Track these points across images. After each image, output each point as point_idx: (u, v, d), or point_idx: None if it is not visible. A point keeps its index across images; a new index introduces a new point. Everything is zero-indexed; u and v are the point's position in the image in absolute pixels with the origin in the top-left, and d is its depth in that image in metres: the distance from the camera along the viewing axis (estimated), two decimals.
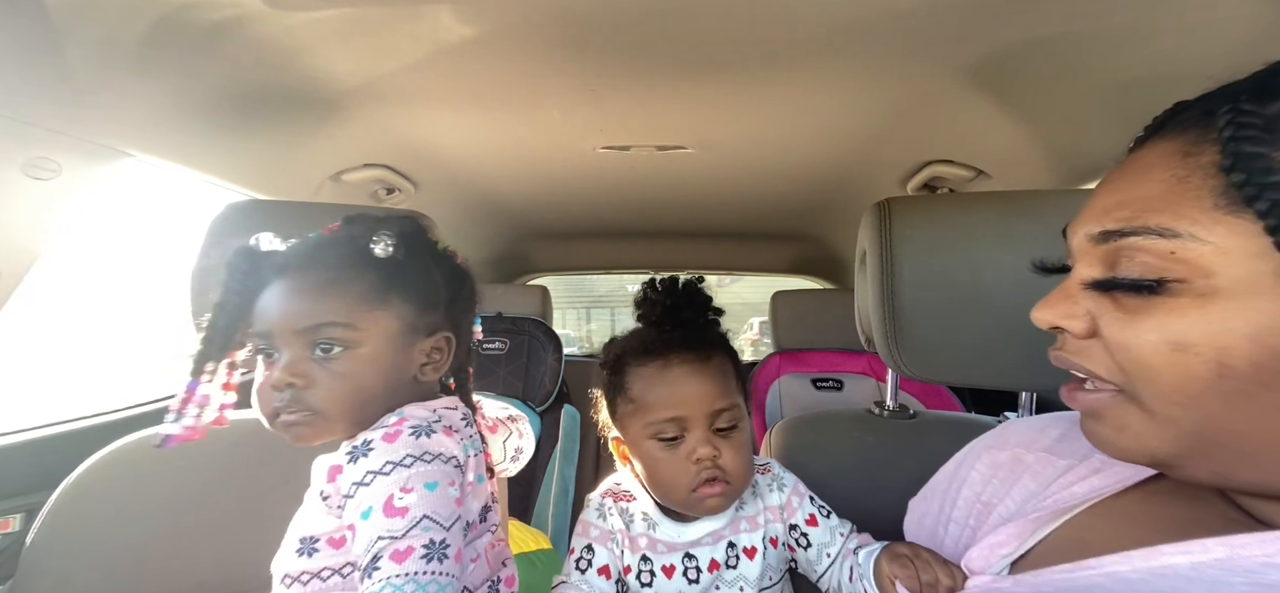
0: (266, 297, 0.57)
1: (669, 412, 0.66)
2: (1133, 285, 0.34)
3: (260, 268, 0.58)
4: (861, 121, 1.03)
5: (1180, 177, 0.33)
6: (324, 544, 0.56)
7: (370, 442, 0.54)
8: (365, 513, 0.51)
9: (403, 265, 0.61)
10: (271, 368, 0.56)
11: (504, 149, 1.19)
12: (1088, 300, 0.37)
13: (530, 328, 1.70)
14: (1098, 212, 0.37)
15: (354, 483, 0.53)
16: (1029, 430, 0.56)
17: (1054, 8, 0.65)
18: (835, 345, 1.83)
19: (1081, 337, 0.38)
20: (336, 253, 0.59)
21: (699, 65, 0.83)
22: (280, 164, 1.09)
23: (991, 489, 0.53)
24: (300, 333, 0.56)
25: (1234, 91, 0.33)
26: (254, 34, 0.71)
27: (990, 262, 0.72)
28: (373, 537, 0.50)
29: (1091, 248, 0.37)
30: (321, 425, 0.57)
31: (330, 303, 0.56)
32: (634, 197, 1.60)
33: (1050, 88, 0.81)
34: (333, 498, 0.55)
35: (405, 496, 0.52)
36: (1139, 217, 0.34)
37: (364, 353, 0.57)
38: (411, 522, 0.51)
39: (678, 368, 0.67)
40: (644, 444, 0.68)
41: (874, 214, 0.77)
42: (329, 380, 0.56)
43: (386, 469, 0.52)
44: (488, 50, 0.78)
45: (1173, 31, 0.64)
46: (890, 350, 0.75)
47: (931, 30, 0.72)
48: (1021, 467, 0.53)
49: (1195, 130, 0.33)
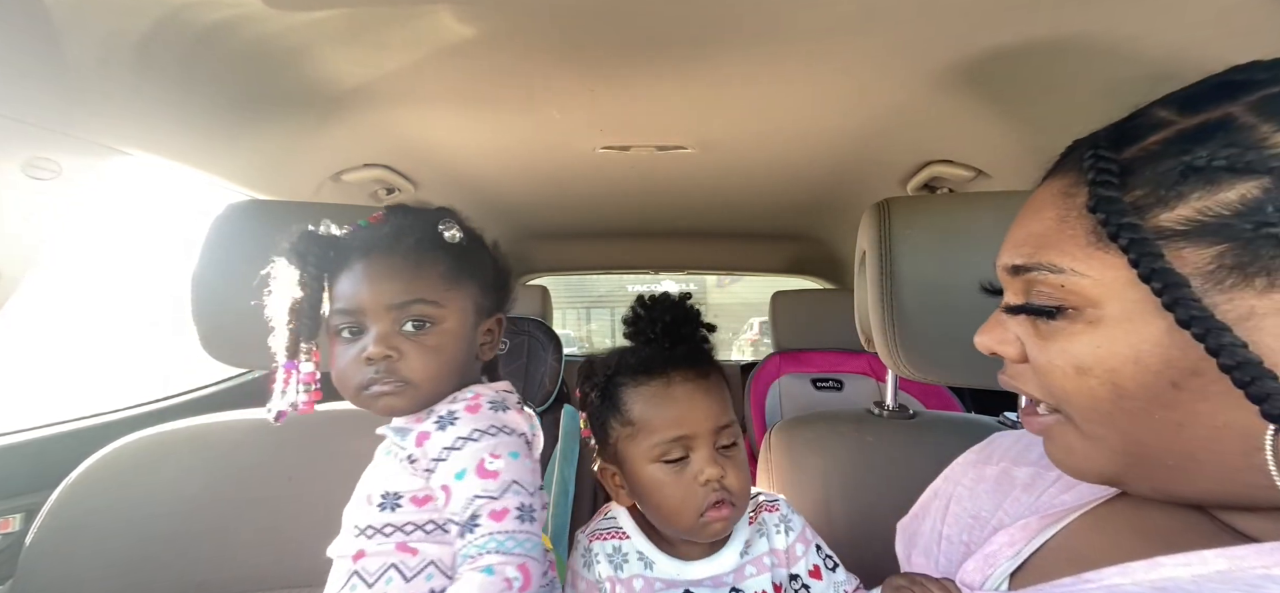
0: (351, 277, 0.61)
1: (675, 431, 0.63)
2: (1041, 310, 0.38)
3: (337, 251, 0.62)
4: (861, 121, 1.03)
5: (1062, 216, 0.37)
6: (407, 502, 0.60)
7: (454, 412, 0.61)
8: (459, 474, 0.57)
9: (467, 251, 0.66)
10: (353, 345, 0.60)
11: (504, 149, 1.19)
12: (1015, 325, 0.41)
13: (530, 328, 1.69)
14: (1009, 247, 0.41)
15: (444, 447, 0.58)
16: (1016, 445, 0.56)
17: (1054, 8, 0.65)
18: (835, 345, 1.83)
19: (1016, 360, 0.41)
20: (415, 237, 0.63)
21: (699, 65, 0.83)
22: (280, 164, 1.09)
23: (982, 503, 0.54)
24: (393, 308, 0.60)
25: (1095, 139, 0.37)
26: (254, 34, 0.71)
27: (990, 262, 0.72)
28: (469, 496, 0.56)
29: (1010, 279, 0.41)
30: (410, 395, 0.61)
31: (420, 281, 0.61)
32: (634, 197, 1.60)
33: (1050, 88, 0.81)
34: (420, 461, 0.60)
35: (495, 460, 0.58)
36: (1036, 254, 0.38)
37: (447, 328, 0.63)
38: (504, 485, 0.57)
39: (681, 386, 0.64)
40: (647, 469, 0.64)
41: (874, 214, 0.77)
42: (419, 353, 0.60)
43: (475, 436, 0.58)
44: (488, 50, 0.78)
45: (1172, 32, 0.64)
46: (890, 350, 0.75)
47: (932, 30, 0.72)
48: (1011, 482, 0.53)
49: (1073, 173, 0.37)
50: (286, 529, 0.81)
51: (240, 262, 0.81)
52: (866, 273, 0.78)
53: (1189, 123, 0.33)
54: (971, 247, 0.73)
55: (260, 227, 0.83)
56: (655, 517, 0.66)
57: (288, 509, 0.82)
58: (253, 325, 0.81)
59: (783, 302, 1.92)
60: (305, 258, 0.61)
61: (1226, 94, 0.33)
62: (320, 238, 0.62)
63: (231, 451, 0.85)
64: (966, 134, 1.03)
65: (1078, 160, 0.37)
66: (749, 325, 5.67)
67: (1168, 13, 0.62)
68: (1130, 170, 0.34)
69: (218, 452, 0.84)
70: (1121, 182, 0.34)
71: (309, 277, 0.60)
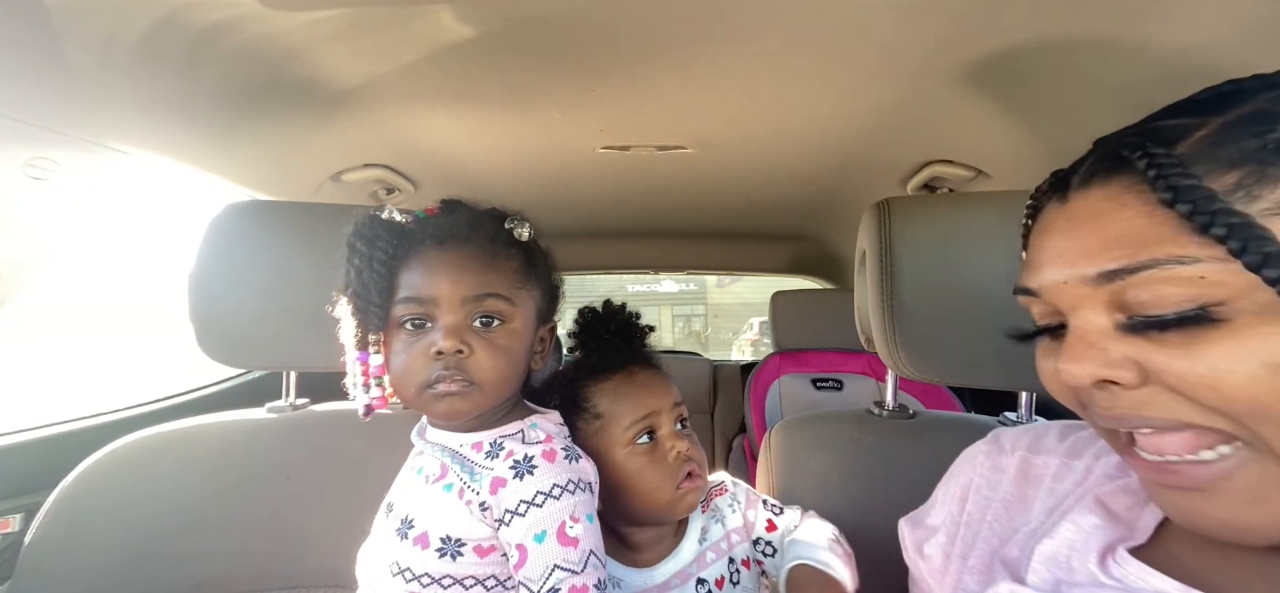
0: (423, 265, 0.57)
1: (641, 411, 0.69)
2: (1178, 320, 0.32)
3: (406, 238, 0.58)
4: (861, 121, 1.03)
5: (1149, 211, 0.33)
6: (470, 551, 0.55)
7: (531, 459, 0.57)
8: (539, 537, 0.53)
9: (533, 252, 0.64)
10: (418, 339, 0.57)
11: (504, 149, 1.19)
12: (1120, 346, 0.34)
13: None
14: (1081, 254, 0.35)
15: (523, 501, 0.54)
16: (1025, 435, 0.55)
17: (1054, 8, 0.65)
18: (835, 345, 1.83)
19: (1133, 387, 0.34)
20: (490, 230, 0.60)
21: (699, 65, 0.83)
22: (280, 164, 1.09)
23: (1008, 490, 0.53)
24: (468, 300, 0.56)
25: (1133, 142, 0.34)
26: (254, 34, 0.71)
27: (990, 262, 0.72)
28: (549, 565, 0.52)
29: (1089, 291, 0.35)
30: (476, 397, 0.57)
31: (495, 275, 0.58)
32: (634, 197, 1.60)
33: (1050, 88, 0.81)
34: (493, 510, 0.55)
35: (575, 525, 0.55)
36: (1141, 251, 0.32)
37: (515, 327, 0.60)
38: (584, 556, 0.54)
39: (640, 375, 0.71)
40: (620, 456, 0.69)
41: (874, 214, 0.77)
42: (488, 350, 0.57)
43: (556, 493, 0.55)
44: (488, 50, 0.78)
45: (1171, 31, 0.64)
46: (890, 350, 0.75)
47: (932, 30, 0.72)
48: (1031, 470, 0.52)
49: (1126, 176, 0.34)
50: (285, 529, 0.81)
51: (239, 262, 0.81)
52: (866, 273, 0.78)
53: (1226, 117, 0.32)
54: (971, 247, 0.73)
55: (259, 227, 0.83)
56: (634, 504, 0.70)
57: (287, 509, 0.82)
58: (251, 326, 0.81)
59: (783, 302, 1.92)
60: (375, 242, 0.57)
61: (1238, 100, 0.33)
62: (391, 222, 0.59)
63: (231, 451, 0.85)
64: (966, 134, 1.03)
65: (1115, 164, 0.35)
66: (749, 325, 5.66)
67: (1169, 13, 0.62)
68: (1191, 163, 0.32)
69: (217, 452, 0.84)
70: (1193, 171, 0.31)
71: (380, 262, 0.56)
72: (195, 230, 0.82)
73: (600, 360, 0.73)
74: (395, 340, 0.58)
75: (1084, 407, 0.39)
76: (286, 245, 0.82)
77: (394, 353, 0.58)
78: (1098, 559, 0.41)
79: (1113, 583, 0.40)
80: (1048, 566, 0.44)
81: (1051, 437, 0.54)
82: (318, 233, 0.83)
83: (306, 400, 0.93)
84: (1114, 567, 0.41)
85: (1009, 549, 0.48)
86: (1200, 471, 0.33)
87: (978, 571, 0.50)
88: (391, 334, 0.58)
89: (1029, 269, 0.40)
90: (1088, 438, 0.52)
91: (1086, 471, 0.49)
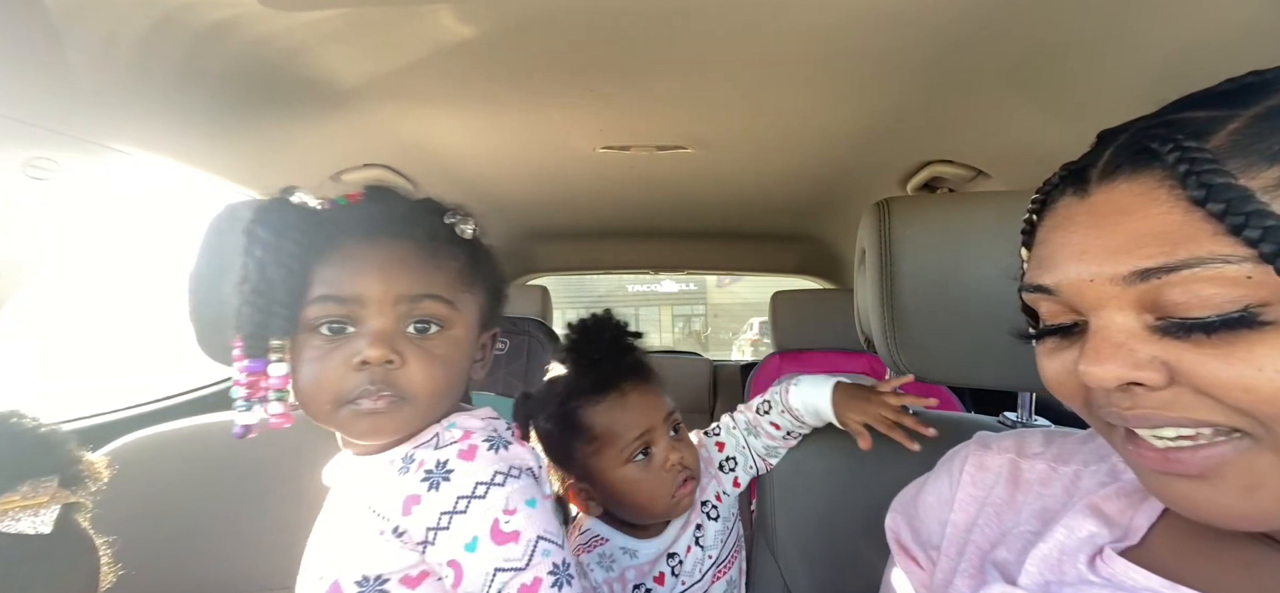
0: (345, 260, 0.49)
1: (636, 432, 0.72)
2: (1222, 323, 0.30)
3: (325, 227, 0.50)
4: (861, 121, 1.03)
5: (1183, 206, 0.31)
6: (396, 584, 0.48)
7: (445, 464, 0.48)
8: (470, 545, 0.46)
9: (478, 251, 0.56)
10: (335, 347, 0.48)
11: (504, 149, 1.19)
12: (1148, 347, 0.33)
13: (530, 328, 1.70)
14: (1108, 252, 0.33)
15: (443, 512, 0.47)
16: (1012, 437, 0.55)
17: (1054, 9, 0.66)
18: (835, 345, 1.83)
19: (1160, 387, 0.33)
20: (428, 225, 0.52)
21: (699, 65, 0.83)
22: (280, 163, 1.09)
23: (997, 492, 0.53)
24: (402, 301, 0.49)
25: (1161, 134, 0.33)
26: (254, 34, 0.71)
27: (990, 262, 0.72)
28: (489, 570, 0.45)
29: (1117, 291, 0.33)
30: (405, 414, 0.50)
31: (434, 275, 0.51)
32: (634, 197, 1.60)
33: (1050, 88, 0.81)
34: (411, 533, 0.48)
35: (511, 518, 0.47)
36: (1179, 249, 0.31)
37: (455, 335, 0.52)
38: (527, 547, 0.47)
39: (633, 394, 0.73)
40: (618, 473, 0.72)
41: (873, 214, 0.77)
42: (423, 361, 0.49)
43: (480, 492, 0.47)
44: (488, 50, 0.78)
45: (1171, 31, 0.64)
46: (890, 350, 0.75)
47: (931, 30, 0.72)
48: (1020, 473, 0.52)
49: (1153, 172, 0.33)
50: (285, 530, 0.81)
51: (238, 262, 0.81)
52: (866, 273, 0.78)
53: (1257, 110, 0.31)
54: (971, 247, 0.73)
55: None
56: (632, 512, 0.75)
57: (286, 510, 0.82)
58: None
59: (783, 302, 1.92)
60: (284, 232, 0.48)
61: (1266, 92, 0.32)
62: (303, 208, 0.50)
63: (230, 450, 0.85)
64: (966, 134, 1.03)
65: (1143, 156, 0.33)
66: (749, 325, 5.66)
67: (1169, 13, 0.62)
68: (1225, 158, 0.31)
69: (217, 452, 0.84)
70: (1225, 168, 0.30)
71: (289, 255, 0.47)
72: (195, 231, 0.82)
73: (593, 380, 0.74)
74: (305, 347, 0.49)
75: (1089, 406, 0.38)
76: None
77: (303, 361, 0.49)
78: (1087, 560, 0.42)
79: (1100, 582, 0.40)
80: (1039, 568, 0.44)
81: (1037, 441, 0.54)
82: None
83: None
84: (1102, 566, 0.41)
85: (999, 552, 0.49)
86: (1200, 457, 0.33)
87: (968, 574, 0.50)
88: (300, 339, 0.49)
89: (1042, 266, 0.38)
90: (1074, 444, 0.52)
91: (1075, 476, 0.49)
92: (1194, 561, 0.38)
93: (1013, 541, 0.48)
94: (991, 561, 0.48)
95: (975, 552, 0.51)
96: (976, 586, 0.48)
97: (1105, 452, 0.49)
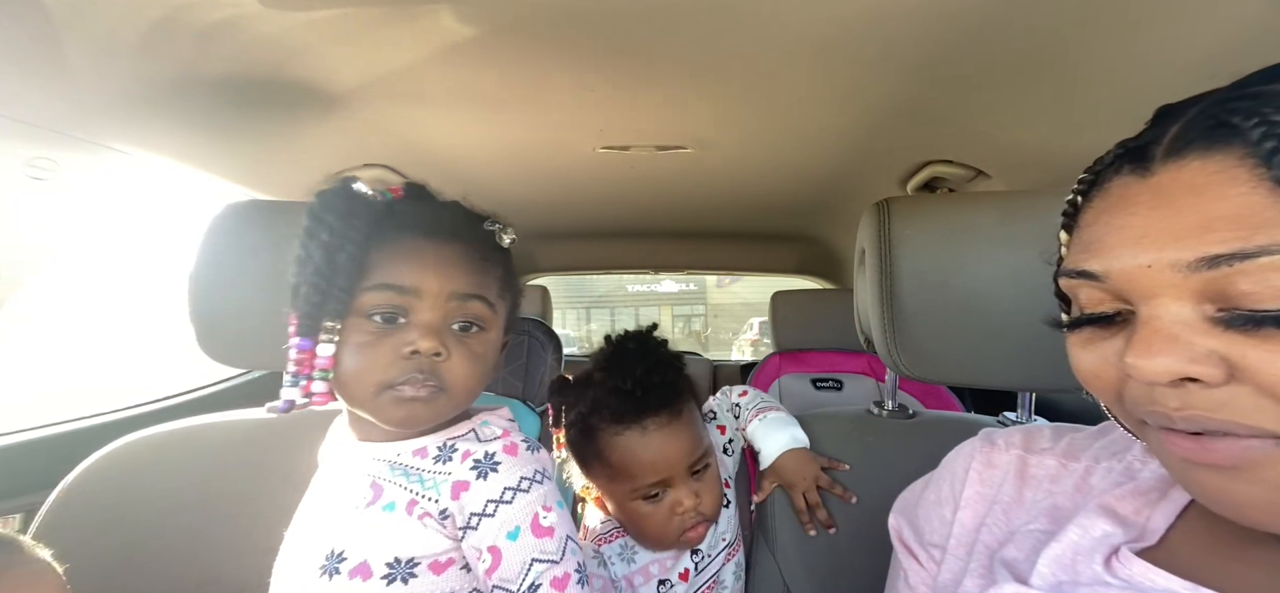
0: (406, 252, 0.51)
1: (653, 477, 0.68)
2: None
3: (387, 218, 0.52)
4: (861, 121, 1.03)
5: (1267, 187, 0.28)
6: (425, 569, 0.50)
7: (493, 456, 0.53)
8: (513, 534, 0.50)
9: (509, 259, 0.60)
10: (384, 334, 0.51)
11: (504, 149, 1.19)
12: (1207, 339, 0.31)
13: (530, 328, 1.69)
14: (1174, 236, 0.31)
15: (490, 500, 0.51)
16: (1018, 434, 0.55)
17: (1054, 9, 0.65)
18: (835, 345, 1.83)
19: (1218, 385, 0.31)
20: (479, 231, 0.56)
21: (699, 65, 0.83)
22: (280, 164, 1.09)
23: (1005, 490, 0.52)
24: (455, 298, 0.52)
25: (1245, 108, 0.30)
26: (254, 33, 0.71)
27: (990, 262, 0.72)
28: (526, 560, 0.50)
29: (1178, 279, 0.31)
30: (441, 405, 0.52)
31: (483, 278, 0.54)
32: (634, 197, 1.60)
33: (1050, 87, 0.81)
34: (455, 517, 0.51)
35: (548, 514, 0.52)
36: (1258, 233, 0.28)
37: (491, 337, 0.56)
38: (560, 544, 0.51)
39: (655, 433, 0.67)
40: (629, 503, 0.70)
41: (873, 214, 0.77)
42: (464, 357, 0.52)
43: (525, 486, 0.52)
44: (488, 50, 0.78)
45: (1172, 32, 0.64)
46: (889, 350, 0.75)
47: (932, 30, 0.72)
48: (1028, 468, 0.52)
49: (1234, 148, 0.30)
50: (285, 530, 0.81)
51: (239, 262, 0.81)
52: (866, 273, 0.78)
53: None
54: (972, 247, 0.73)
55: (259, 227, 0.83)
56: (636, 537, 0.73)
57: (286, 509, 0.82)
58: (251, 326, 0.81)
59: (783, 302, 1.92)
60: (349, 218, 0.50)
61: None
62: (368, 199, 0.52)
63: (231, 450, 0.85)
64: (966, 134, 1.03)
65: (1220, 132, 0.31)
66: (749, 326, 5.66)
67: (1170, 14, 0.62)
68: None
69: (217, 452, 0.84)
70: None
71: (353, 241, 0.49)
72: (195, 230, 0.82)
73: (614, 409, 0.69)
74: (354, 331, 0.51)
75: (1121, 402, 0.36)
76: (286, 245, 0.82)
77: (350, 345, 0.51)
78: (1103, 561, 0.41)
79: (1118, 583, 0.39)
80: (1052, 568, 0.43)
81: (1045, 437, 0.53)
82: None
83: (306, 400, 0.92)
84: (1119, 567, 0.40)
85: (1008, 551, 0.48)
86: (1239, 447, 0.31)
87: (977, 573, 0.50)
88: (350, 323, 0.51)
89: (1088, 250, 0.35)
90: (1085, 439, 0.51)
91: (1085, 472, 0.49)
92: (1216, 562, 0.37)
93: (1022, 539, 0.48)
94: (1001, 559, 0.48)
95: (984, 551, 0.51)
96: (986, 585, 0.48)
97: (1119, 448, 0.48)
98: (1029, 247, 0.47)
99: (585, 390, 0.72)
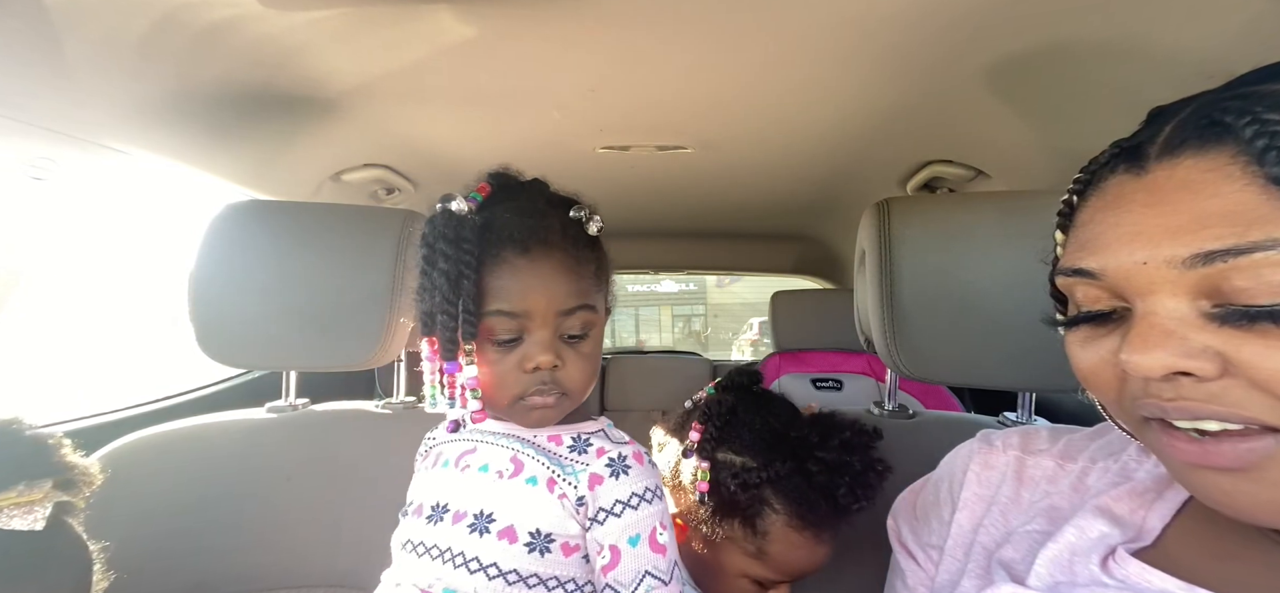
0: (510, 275, 0.52)
1: (789, 572, 0.66)
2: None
3: (484, 237, 0.52)
4: (861, 121, 1.03)
5: (1260, 185, 0.29)
6: (558, 548, 0.53)
7: (625, 458, 0.55)
8: (633, 540, 0.52)
9: (599, 246, 0.60)
10: (508, 351, 0.53)
11: (504, 149, 1.19)
12: (1201, 335, 0.31)
13: None
14: (1169, 233, 0.31)
15: (618, 500, 0.53)
16: (1016, 435, 0.55)
17: (1055, 9, 0.66)
18: (835, 345, 1.83)
19: (1211, 379, 0.31)
20: (566, 231, 0.55)
21: (699, 65, 0.83)
22: (280, 163, 1.09)
23: (1004, 491, 0.52)
24: (561, 314, 0.53)
25: (1237, 107, 0.31)
26: (253, 33, 0.71)
27: (990, 262, 0.72)
28: (641, 570, 0.51)
29: (1174, 275, 0.31)
30: (565, 405, 0.56)
31: (582, 284, 0.55)
32: (634, 197, 1.60)
33: (1050, 87, 0.81)
34: (588, 506, 0.53)
35: (664, 532, 0.54)
36: (1252, 230, 0.29)
37: (597, 333, 0.57)
38: (670, 565, 0.53)
39: (808, 536, 0.65)
40: (730, 578, 0.67)
41: (873, 214, 0.77)
42: (578, 361, 0.55)
43: (649, 497, 0.54)
44: (488, 50, 0.78)
45: (1172, 32, 0.64)
46: (889, 350, 0.75)
47: (931, 31, 0.72)
48: (1025, 469, 0.52)
49: (1225, 146, 0.30)
50: (285, 529, 0.81)
51: (239, 262, 0.81)
52: (866, 273, 0.78)
53: None
54: (972, 247, 0.73)
55: (259, 227, 0.83)
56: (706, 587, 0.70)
57: (287, 509, 0.82)
58: (251, 326, 0.81)
59: (783, 302, 1.92)
60: (461, 244, 0.50)
61: None
62: (471, 221, 0.52)
63: (231, 450, 0.85)
64: (966, 134, 1.03)
65: (1213, 131, 0.31)
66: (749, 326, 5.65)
67: (1170, 14, 0.62)
68: None
69: (217, 452, 0.84)
70: None
71: (468, 266, 0.50)
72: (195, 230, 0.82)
73: (793, 486, 0.64)
74: (485, 351, 0.53)
75: (1121, 400, 0.36)
76: (286, 245, 0.82)
77: (484, 364, 0.53)
78: (1099, 562, 0.41)
79: (1114, 584, 0.39)
80: (1049, 568, 0.43)
81: (1042, 438, 0.53)
82: (317, 233, 0.83)
83: (306, 401, 0.93)
84: (1115, 568, 0.40)
85: (1005, 551, 0.48)
86: (1241, 449, 0.31)
87: (975, 573, 0.50)
88: (479, 344, 0.53)
89: (1085, 248, 0.36)
90: (1082, 439, 0.51)
91: (1082, 473, 0.49)
92: (1212, 562, 0.37)
93: (1019, 540, 0.48)
94: (998, 560, 0.48)
95: (981, 551, 0.51)
96: (983, 585, 0.48)
97: (1115, 448, 0.48)
98: (1028, 247, 0.47)
99: (745, 449, 0.69)
